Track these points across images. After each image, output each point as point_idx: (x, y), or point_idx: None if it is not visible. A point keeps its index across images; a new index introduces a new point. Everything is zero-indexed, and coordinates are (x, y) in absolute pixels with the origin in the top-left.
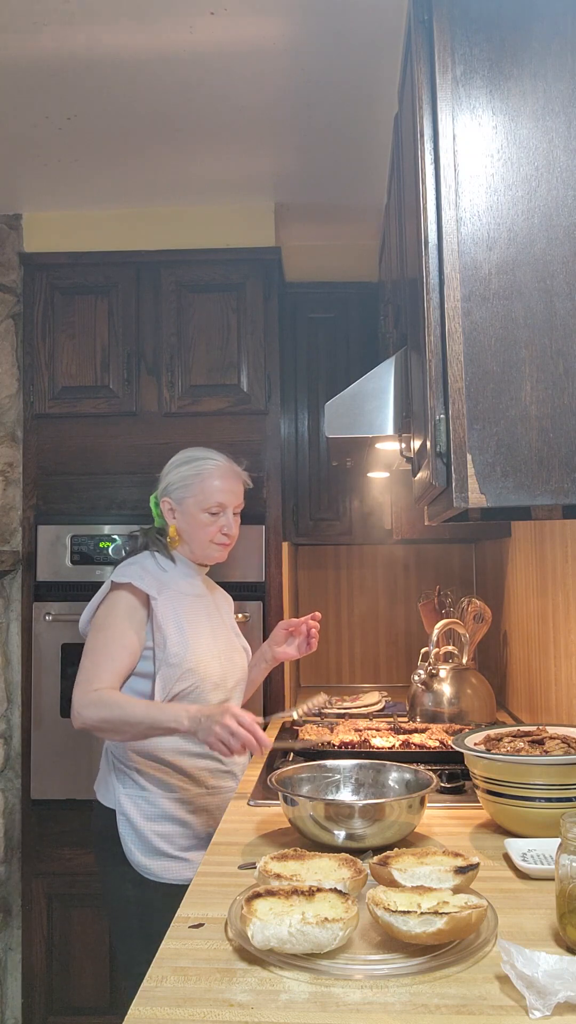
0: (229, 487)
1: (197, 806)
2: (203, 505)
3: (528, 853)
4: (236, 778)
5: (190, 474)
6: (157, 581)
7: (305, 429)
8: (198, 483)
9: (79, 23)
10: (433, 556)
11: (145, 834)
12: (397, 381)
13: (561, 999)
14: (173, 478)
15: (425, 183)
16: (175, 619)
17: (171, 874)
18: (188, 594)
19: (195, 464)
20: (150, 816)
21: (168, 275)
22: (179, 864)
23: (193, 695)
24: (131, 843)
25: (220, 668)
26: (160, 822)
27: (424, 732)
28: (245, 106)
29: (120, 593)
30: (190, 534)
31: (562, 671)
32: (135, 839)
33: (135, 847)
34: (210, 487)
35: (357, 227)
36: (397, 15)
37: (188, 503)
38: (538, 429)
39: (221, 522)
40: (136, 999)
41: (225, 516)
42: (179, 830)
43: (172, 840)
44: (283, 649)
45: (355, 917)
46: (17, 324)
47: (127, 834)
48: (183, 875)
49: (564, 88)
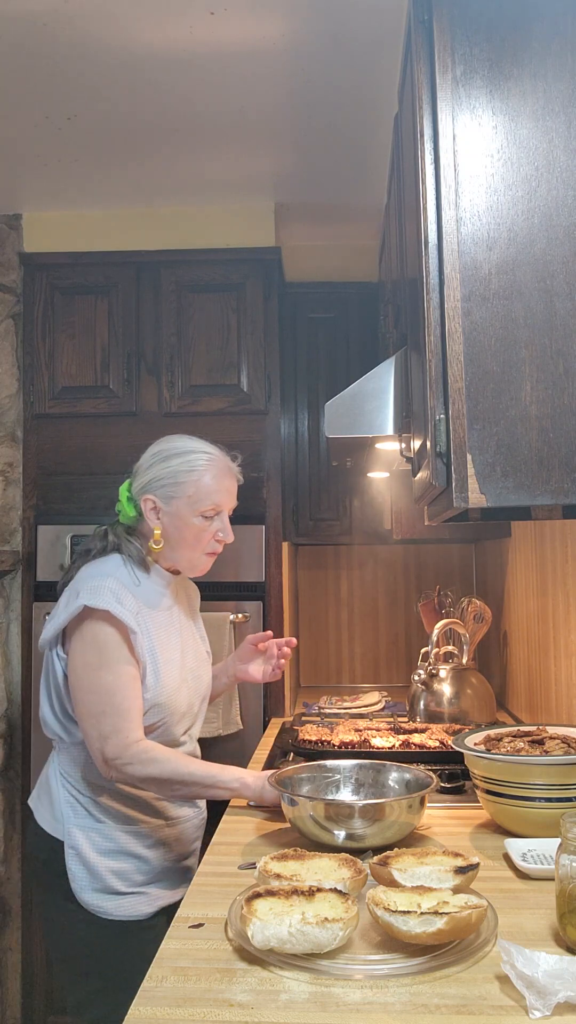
0: (226, 486)
1: (156, 840)
2: (197, 507)
3: (528, 853)
4: (196, 806)
5: (182, 469)
6: (134, 604)
7: (305, 429)
8: (191, 480)
9: (79, 23)
10: (433, 556)
11: (98, 871)
12: (397, 381)
13: (561, 999)
14: (160, 472)
15: (425, 183)
16: (150, 654)
17: (126, 910)
18: (160, 609)
19: (188, 458)
20: (104, 851)
21: (168, 275)
22: (135, 899)
23: (160, 729)
24: (81, 880)
25: (188, 696)
26: (115, 858)
27: (424, 732)
28: (245, 106)
29: (99, 624)
30: (178, 540)
31: (562, 671)
32: (86, 876)
33: (86, 884)
34: (206, 486)
35: (357, 227)
36: (397, 15)
37: (178, 504)
38: (538, 429)
39: (216, 527)
40: (136, 999)
41: (220, 520)
42: (135, 866)
43: (127, 877)
44: (246, 669)
45: (355, 917)
46: (17, 324)
47: (77, 870)
48: (140, 910)
49: (564, 88)
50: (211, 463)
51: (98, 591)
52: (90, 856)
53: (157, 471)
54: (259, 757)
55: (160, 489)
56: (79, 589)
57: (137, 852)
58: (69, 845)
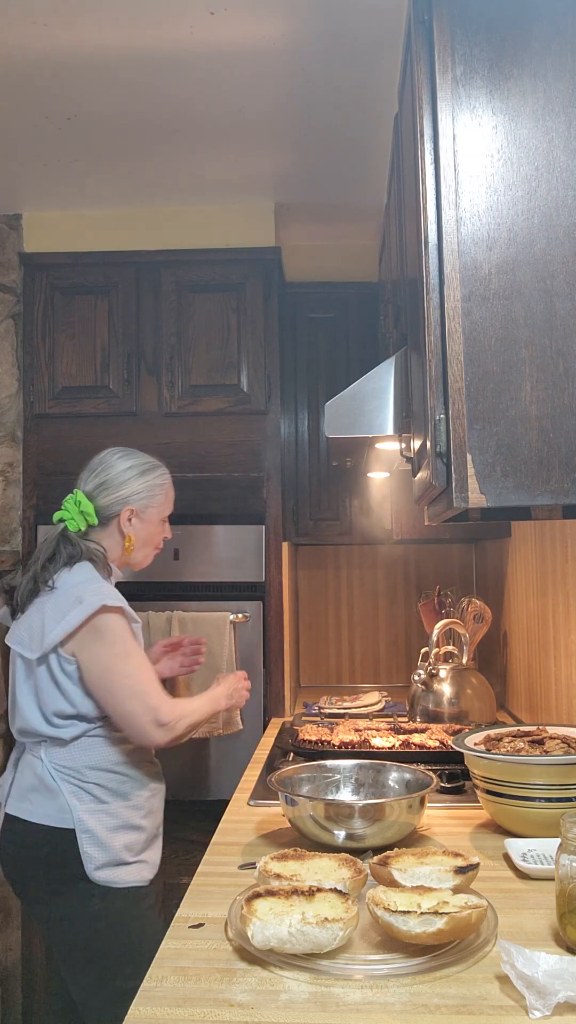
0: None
1: (147, 810)
2: (163, 514)
3: (528, 853)
4: (161, 778)
5: (157, 483)
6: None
7: (305, 429)
8: (162, 492)
9: (79, 23)
10: (433, 556)
11: (111, 846)
12: (397, 381)
13: (561, 999)
14: (138, 487)
15: (425, 183)
16: None
17: (134, 876)
18: None
19: (157, 471)
20: (113, 828)
21: (168, 275)
22: (139, 867)
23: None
24: (97, 860)
25: None
26: (123, 832)
27: (424, 732)
28: (245, 106)
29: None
30: (145, 542)
31: (562, 671)
32: (101, 854)
33: (100, 860)
34: (171, 496)
35: (357, 227)
36: (397, 15)
37: (151, 512)
38: (538, 429)
39: (166, 529)
40: (136, 999)
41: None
42: (136, 836)
43: (133, 847)
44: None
45: (355, 917)
46: (17, 324)
47: (92, 851)
48: (144, 875)
49: (564, 88)
50: (167, 474)
51: (103, 592)
52: (103, 836)
53: (136, 485)
54: (259, 757)
55: (139, 501)
56: (80, 595)
57: (137, 823)
58: (82, 831)
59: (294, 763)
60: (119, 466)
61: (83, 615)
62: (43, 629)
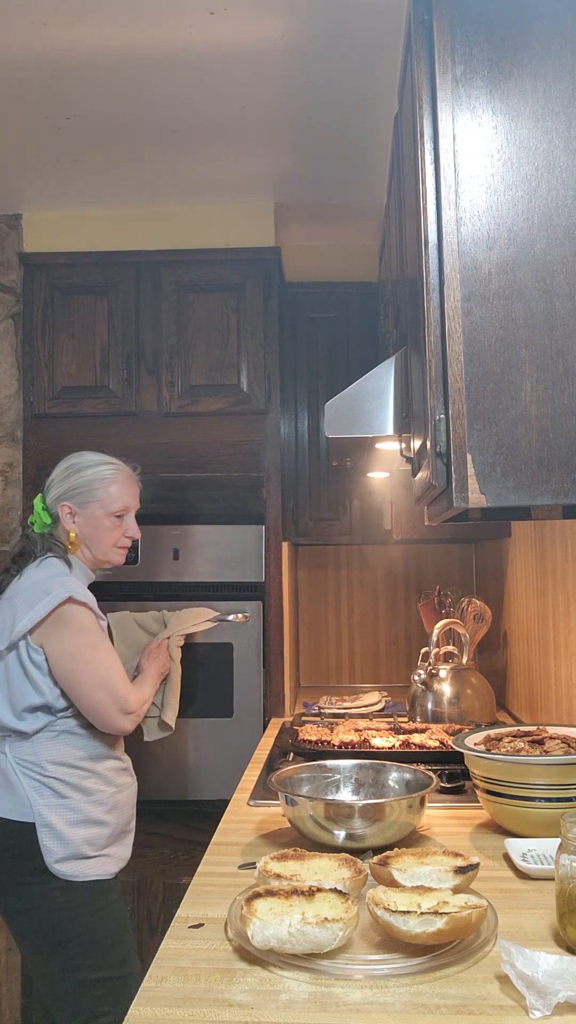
0: (131, 491)
1: (112, 805)
2: (109, 509)
3: (528, 853)
4: (131, 774)
5: (94, 479)
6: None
7: (305, 429)
8: (103, 488)
9: (79, 23)
10: (433, 556)
11: (71, 840)
12: (397, 381)
13: (561, 999)
14: (75, 483)
15: (425, 183)
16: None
17: (96, 870)
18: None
19: (97, 469)
20: (74, 823)
21: (168, 275)
22: (102, 860)
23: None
24: (56, 853)
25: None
26: (84, 827)
27: (424, 732)
28: (245, 106)
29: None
30: (94, 539)
31: (562, 671)
32: (60, 848)
33: (61, 855)
34: (115, 491)
35: (357, 227)
36: (397, 15)
37: (92, 508)
38: (538, 429)
39: (125, 525)
40: (136, 999)
41: (128, 519)
42: (100, 831)
43: (94, 842)
44: None
45: (355, 917)
46: (17, 324)
47: (52, 845)
48: (107, 869)
49: (564, 88)
50: (118, 472)
51: (69, 585)
52: (63, 830)
53: (73, 482)
54: (259, 757)
55: (75, 497)
56: (47, 588)
57: (100, 818)
58: (42, 824)
59: (294, 763)
60: (61, 465)
61: (50, 605)
62: (13, 621)
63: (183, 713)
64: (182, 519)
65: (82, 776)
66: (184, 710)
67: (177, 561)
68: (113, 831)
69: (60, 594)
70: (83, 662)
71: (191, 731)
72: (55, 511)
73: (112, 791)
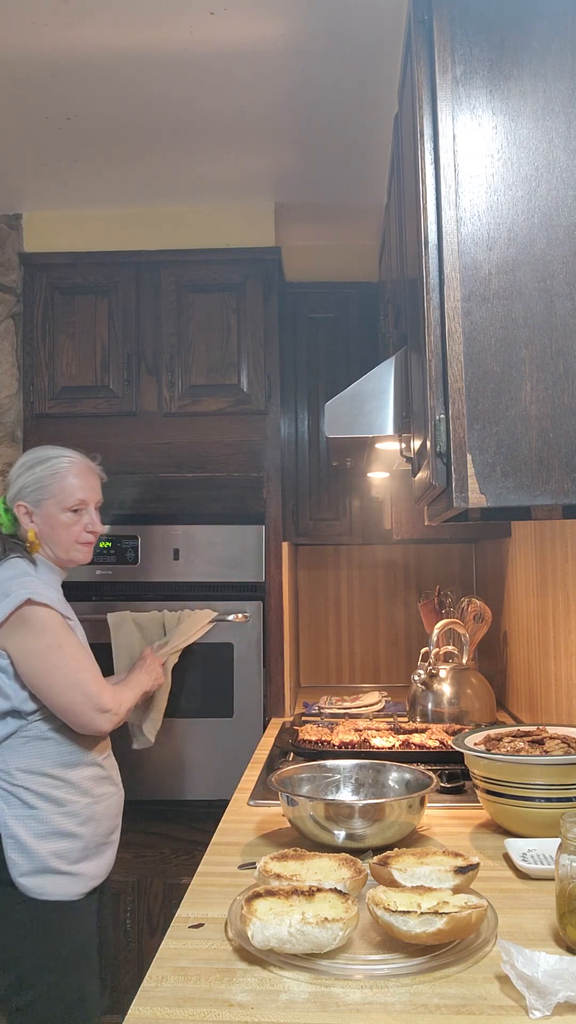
0: (88, 483)
1: (85, 817)
2: (64, 504)
3: (528, 853)
4: (115, 783)
5: (46, 475)
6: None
7: (305, 429)
8: (56, 483)
9: (79, 23)
10: (433, 556)
11: (38, 854)
12: (397, 381)
13: (561, 999)
14: (27, 480)
15: (425, 183)
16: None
17: (63, 890)
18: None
19: (49, 464)
20: (41, 834)
21: (168, 275)
22: (68, 879)
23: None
24: (21, 865)
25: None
26: (53, 839)
27: (424, 732)
28: (245, 106)
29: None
30: (53, 537)
31: (562, 671)
32: (25, 861)
33: (26, 868)
34: (69, 485)
35: (357, 227)
36: (397, 15)
37: (47, 504)
38: (538, 429)
39: (84, 520)
40: (136, 999)
41: (88, 513)
42: (71, 844)
43: (65, 855)
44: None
45: (355, 917)
46: (17, 324)
47: (16, 857)
48: (74, 890)
49: (564, 88)
50: (72, 465)
51: (30, 586)
52: (29, 842)
53: (24, 480)
54: (259, 757)
55: (30, 495)
56: (7, 590)
57: (72, 831)
58: (7, 836)
59: (294, 763)
60: (17, 463)
61: (8, 608)
62: None
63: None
64: (182, 519)
65: (53, 785)
66: (184, 710)
67: (177, 561)
68: (87, 845)
69: (19, 596)
70: (49, 664)
71: (191, 731)
72: (12, 511)
73: (88, 802)
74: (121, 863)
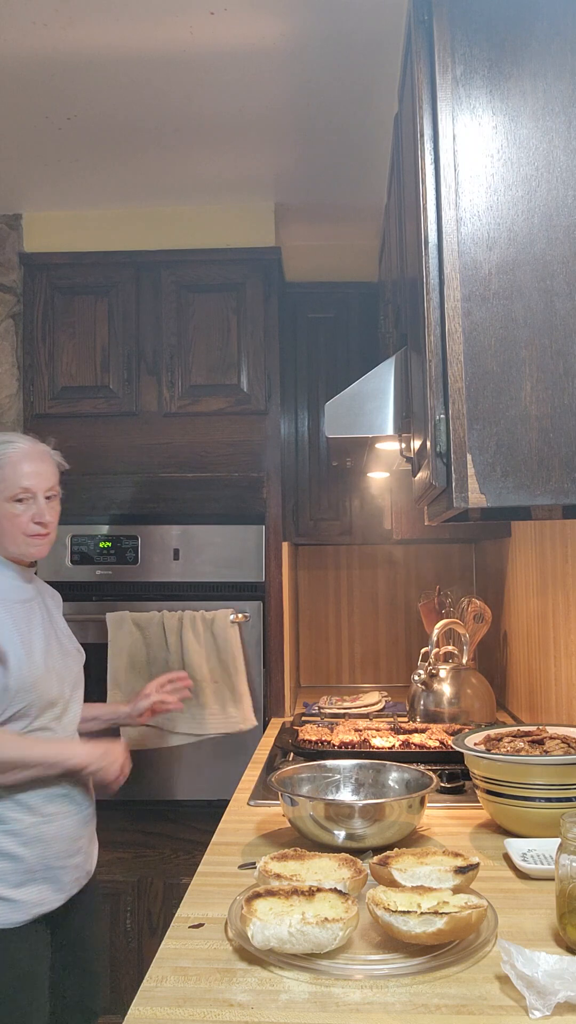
0: (35, 469)
1: (30, 837)
2: (7, 494)
3: (528, 853)
4: (75, 801)
5: None
6: None
7: (305, 429)
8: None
9: (79, 23)
10: (433, 556)
11: None
12: (397, 381)
13: (561, 999)
14: None
15: (425, 183)
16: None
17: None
18: (19, 602)
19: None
20: None
21: (168, 275)
22: (8, 906)
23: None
24: None
25: (56, 684)
26: None
27: (424, 732)
28: (245, 106)
29: None
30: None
31: (562, 671)
32: None
33: None
34: (13, 473)
35: (357, 227)
36: (397, 15)
37: None
38: (538, 429)
39: (32, 511)
40: (136, 999)
41: (35, 503)
42: (10, 866)
43: (3, 878)
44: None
45: (355, 917)
46: (17, 324)
47: None
48: (12, 917)
49: (564, 88)
50: (17, 451)
51: None
52: None
53: None
54: (259, 757)
55: None
56: None
57: (11, 851)
58: None
59: (294, 763)
60: None
61: None
62: None
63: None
64: (182, 519)
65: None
66: None
67: (177, 561)
68: (31, 868)
69: None
70: None
71: None
72: None
73: (34, 821)
74: (121, 863)
